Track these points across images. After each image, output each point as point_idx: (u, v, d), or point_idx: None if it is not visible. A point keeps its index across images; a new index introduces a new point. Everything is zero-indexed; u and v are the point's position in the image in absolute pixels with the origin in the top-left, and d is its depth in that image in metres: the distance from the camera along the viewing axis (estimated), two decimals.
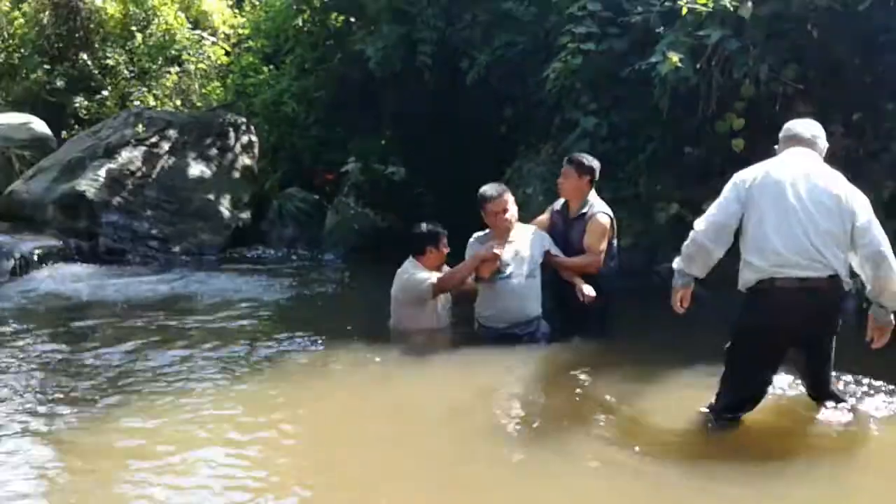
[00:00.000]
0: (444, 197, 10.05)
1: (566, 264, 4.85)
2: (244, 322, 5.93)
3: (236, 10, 14.99)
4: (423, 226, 5.15)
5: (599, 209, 4.89)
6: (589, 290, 4.58)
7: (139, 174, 9.67)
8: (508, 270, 4.74)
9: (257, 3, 14.66)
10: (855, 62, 5.95)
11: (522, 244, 4.87)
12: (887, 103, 5.88)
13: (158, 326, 5.70)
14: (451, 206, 9.72)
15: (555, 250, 4.88)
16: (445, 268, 5.09)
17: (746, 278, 3.38)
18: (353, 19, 10.94)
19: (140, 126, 10.03)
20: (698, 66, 6.13)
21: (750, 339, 3.39)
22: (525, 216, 7.34)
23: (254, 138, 11.02)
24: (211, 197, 9.92)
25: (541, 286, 4.88)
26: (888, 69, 5.83)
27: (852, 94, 6.04)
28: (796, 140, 3.56)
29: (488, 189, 4.94)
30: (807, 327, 3.35)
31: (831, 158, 5.84)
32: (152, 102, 13.30)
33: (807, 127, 3.61)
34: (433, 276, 4.88)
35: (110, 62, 13.39)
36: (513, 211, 4.91)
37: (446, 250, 5.10)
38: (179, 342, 5.20)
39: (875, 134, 5.83)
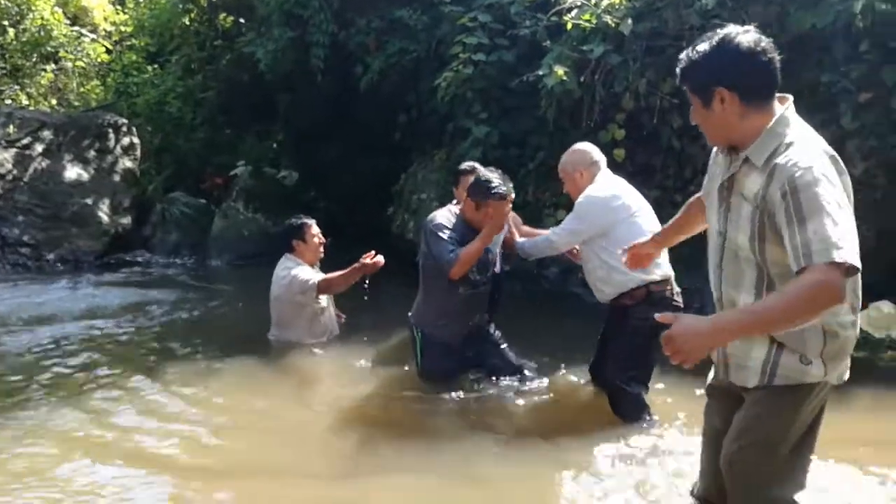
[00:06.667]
0: (337, 202, 10.00)
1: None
2: (119, 334, 5.62)
3: (118, 7, 14.35)
4: (288, 221, 5.10)
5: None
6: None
7: (10, 177, 9.08)
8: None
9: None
10: None
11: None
12: None
13: (24, 340, 5.34)
14: (345, 211, 9.71)
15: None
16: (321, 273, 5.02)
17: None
18: (242, 20, 10.71)
19: (11, 127, 9.42)
20: (582, 79, 6.36)
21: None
22: (419, 223, 7.44)
23: (135, 140, 10.55)
24: (88, 201, 9.42)
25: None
26: None
27: None
28: (602, 165, 3.93)
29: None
30: None
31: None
32: (25, 102, 12.51)
33: (601, 154, 3.98)
34: (317, 276, 4.82)
35: None
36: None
37: (318, 240, 5.03)
38: (46, 358, 4.88)
39: None
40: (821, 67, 5.66)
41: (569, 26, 6.46)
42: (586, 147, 3.99)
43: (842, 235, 1.84)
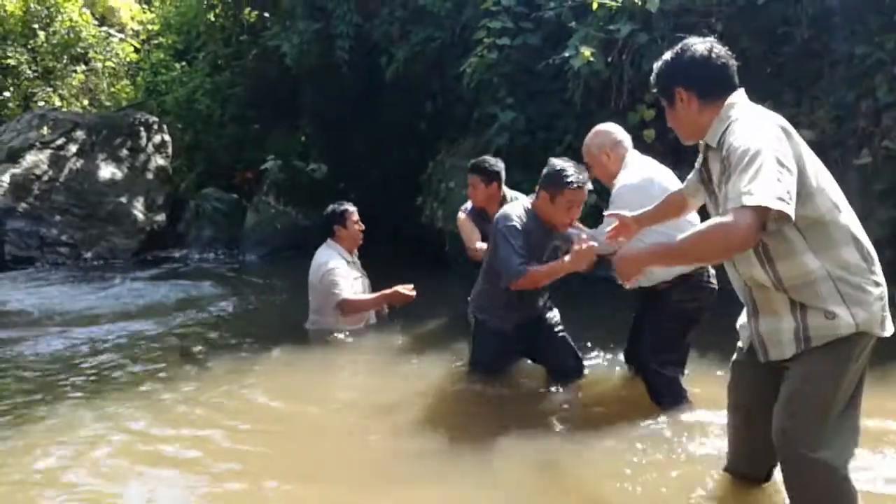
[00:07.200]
0: (367, 193, 10.02)
1: None
2: (157, 330, 5.64)
3: (145, 6, 14.52)
4: (330, 207, 5.17)
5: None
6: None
7: (46, 178, 9.27)
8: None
9: None
10: (757, 53, 6.19)
11: None
12: (788, 92, 6.15)
13: (65, 337, 5.42)
14: (375, 201, 9.73)
15: None
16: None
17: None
18: (266, 14, 10.76)
19: (45, 128, 9.62)
20: (609, 59, 6.28)
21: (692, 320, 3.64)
22: (448, 211, 7.44)
23: (167, 138, 10.71)
24: (123, 200, 9.60)
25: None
26: (787, 60, 6.11)
27: (755, 83, 6.24)
28: (627, 144, 3.81)
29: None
30: None
31: None
32: (58, 103, 12.75)
33: (625, 133, 3.87)
34: (344, 292, 4.86)
35: (11, 62, 12.74)
36: None
37: (359, 227, 5.11)
38: (85, 354, 4.94)
39: None
40: (854, 39, 5.51)
41: (594, 6, 6.37)
42: (608, 127, 3.87)
43: (758, 184, 1.99)
